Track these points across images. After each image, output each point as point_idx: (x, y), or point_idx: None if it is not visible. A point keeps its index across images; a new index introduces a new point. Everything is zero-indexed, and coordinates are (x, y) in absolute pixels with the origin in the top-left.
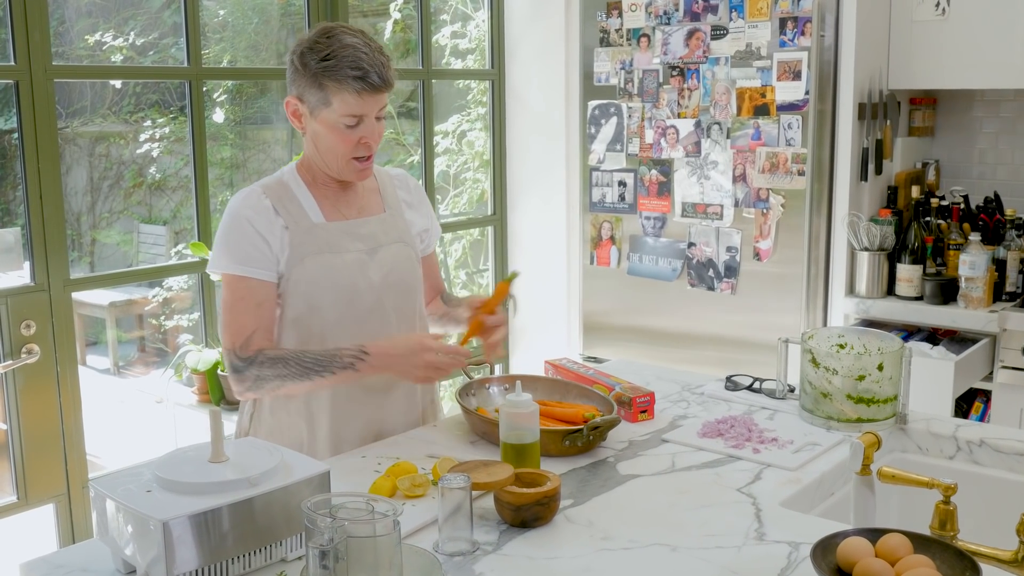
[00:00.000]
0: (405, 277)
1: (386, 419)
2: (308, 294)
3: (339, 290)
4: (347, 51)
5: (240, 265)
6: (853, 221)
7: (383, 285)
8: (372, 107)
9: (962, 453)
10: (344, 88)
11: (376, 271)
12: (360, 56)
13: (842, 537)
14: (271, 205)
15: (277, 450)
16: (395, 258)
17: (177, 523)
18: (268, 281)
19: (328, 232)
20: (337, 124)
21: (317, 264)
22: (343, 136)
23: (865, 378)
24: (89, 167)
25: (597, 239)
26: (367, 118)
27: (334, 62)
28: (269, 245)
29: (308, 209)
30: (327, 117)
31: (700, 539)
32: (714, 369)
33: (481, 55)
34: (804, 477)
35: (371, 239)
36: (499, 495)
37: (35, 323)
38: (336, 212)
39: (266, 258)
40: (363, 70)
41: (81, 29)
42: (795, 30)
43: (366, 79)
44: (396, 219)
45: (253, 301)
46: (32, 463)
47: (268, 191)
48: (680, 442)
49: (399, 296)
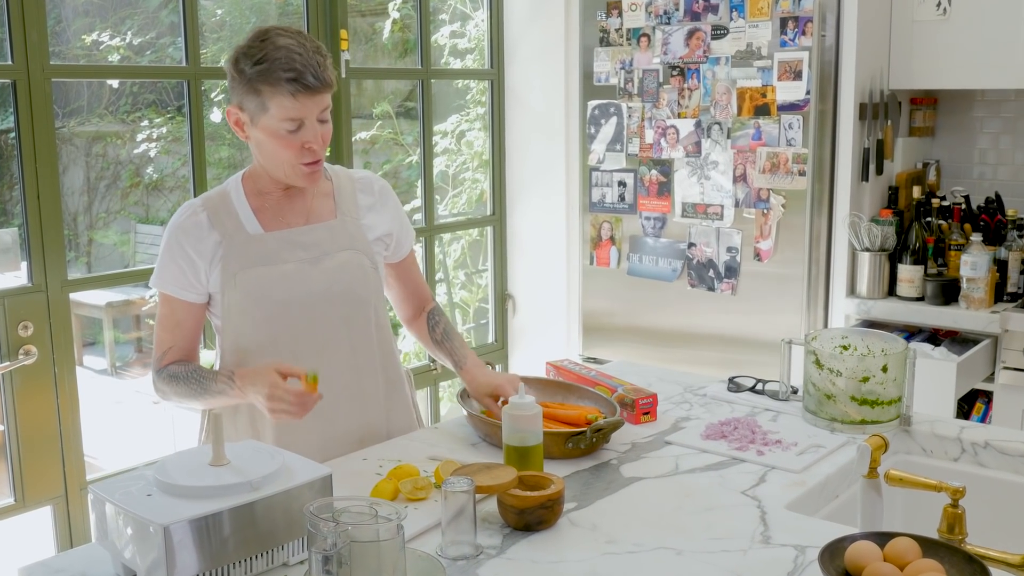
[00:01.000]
0: (354, 286)
1: (337, 434)
2: (242, 310)
3: (274, 303)
4: (280, 53)
5: (166, 284)
6: (854, 221)
7: (327, 295)
8: (311, 109)
9: (967, 455)
10: (279, 91)
11: (319, 281)
12: (293, 57)
13: (850, 541)
14: (206, 219)
15: (278, 453)
16: (342, 267)
17: (178, 527)
18: (191, 302)
19: (264, 243)
20: (277, 130)
21: (249, 278)
22: (285, 141)
23: (869, 380)
24: (86, 167)
25: (597, 239)
26: (308, 121)
27: (266, 65)
28: (195, 266)
29: (244, 220)
30: (267, 124)
31: (705, 542)
32: (714, 370)
33: (480, 55)
34: (809, 480)
35: (315, 247)
36: (503, 498)
37: (32, 324)
38: (278, 221)
39: (188, 280)
40: (296, 71)
41: (78, 28)
42: (796, 30)
43: (300, 80)
44: (348, 225)
45: (174, 319)
46: (30, 465)
47: (207, 204)
48: (684, 444)
49: (348, 307)
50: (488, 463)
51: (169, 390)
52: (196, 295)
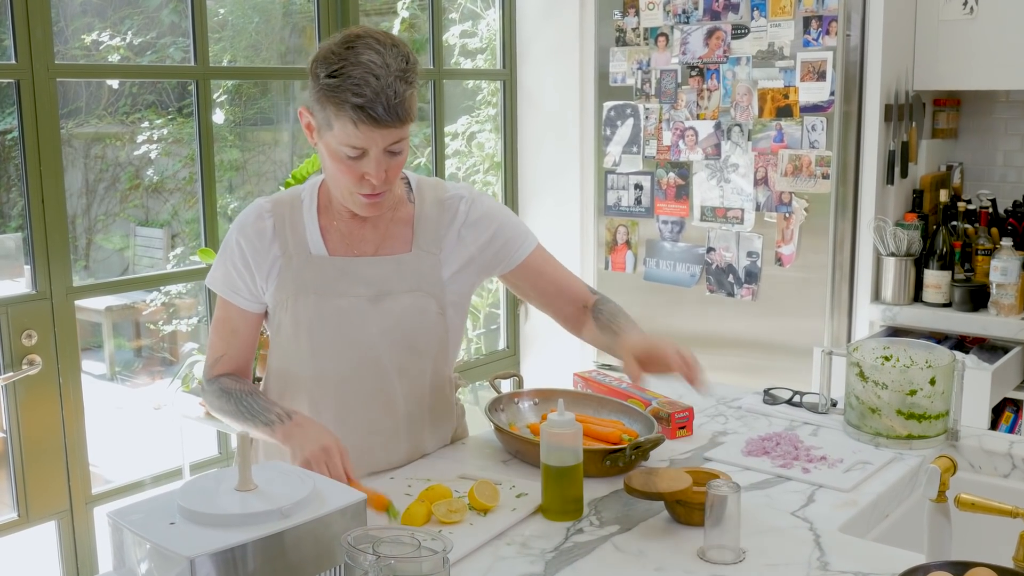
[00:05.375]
0: (414, 335)
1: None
2: (290, 337)
3: (324, 339)
4: (356, 70)
5: (224, 287)
6: (879, 225)
7: (383, 341)
8: (376, 142)
9: (1018, 471)
10: (343, 114)
11: (376, 323)
12: (368, 80)
13: (923, 572)
14: (271, 227)
15: (308, 476)
16: (404, 310)
17: (203, 560)
18: (248, 311)
19: (325, 268)
20: (338, 152)
21: (303, 305)
22: (345, 166)
23: (916, 392)
24: (85, 169)
25: (612, 244)
26: (372, 151)
27: (338, 81)
28: (254, 276)
29: (310, 238)
30: (329, 141)
31: (760, 569)
32: (735, 377)
33: (492, 55)
34: (860, 499)
35: (378, 283)
36: (688, 497)
37: (36, 333)
38: (344, 246)
39: (248, 288)
40: (366, 98)
41: (77, 28)
42: (820, 29)
43: (367, 109)
44: (422, 261)
45: (229, 326)
46: (33, 479)
47: (276, 209)
48: (725, 461)
49: (403, 355)
50: (649, 469)
51: (216, 402)
52: (253, 303)
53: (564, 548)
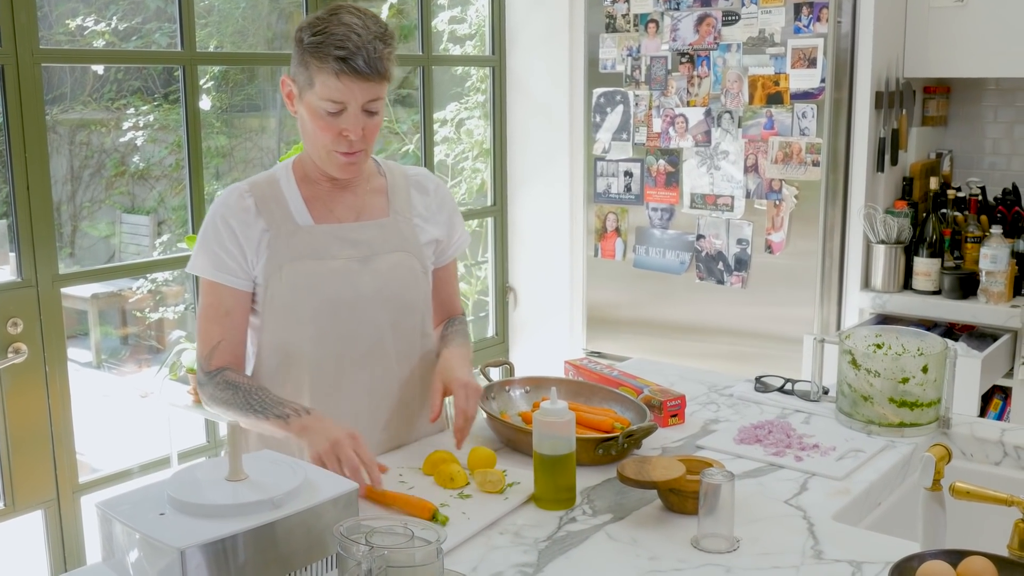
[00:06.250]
0: (404, 291)
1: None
2: (287, 304)
3: (321, 300)
4: (339, 29)
5: (212, 270)
6: (870, 213)
7: (376, 298)
8: (356, 95)
9: (1009, 459)
10: (326, 68)
11: (368, 282)
12: (350, 36)
13: (918, 560)
14: (253, 205)
15: (299, 465)
16: (393, 269)
17: (194, 551)
18: (239, 289)
19: (313, 236)
20: (318, 109)
21: (297, 271)
22: (324, 123)
23: (909, 380)
24: (70, 156)
25: (602, 231)
26: (351, 107)
27: (321, 38)
28: (243, 251)
29: (294, 210)
30: (310, 100)
31: (754, 558)
32: (724, 364)
33: (481, 41)
34: (853, 487)
35: (366, 246)
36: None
37: (22, 321)
38: (327, 214)
39: (239, 265)
40: (348, 50)
41: (61, 14)
42: (811, 16)
43: (349, 60)
44: (401, 225)
45: (222, 309)
46: (19, 468)
47: (254, 189)
48: (717, 449)
49: (396, 312)
50: (642, 457)
51: (221, 396)
52: (243, 281)
53: (557, 537)
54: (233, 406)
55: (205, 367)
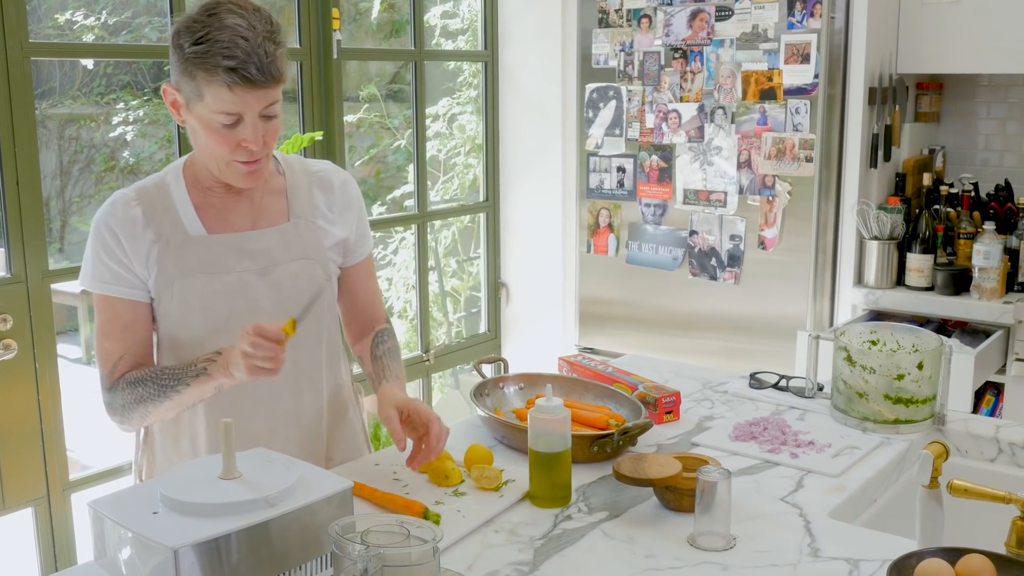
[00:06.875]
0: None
1: (289, 454)
2: (179, 322)
3: (213, 318)
4: (223, 35)
5: (103, 283)
6: (863, 209)
7: (275, 312)
8: (251, 105)
9: (1004, 455)
10: (215, 80)
11: (266, 295)
12: (237, 42)
13: (917, 559)
14: (141, 214)
15: (293, 463)
16: (293, 279)
17: (187, 551)
18: (135, 300)
19: (207, 247)
20: (211, 122)
21: (188, 287)
22: (219, 136)
23: (904, 377)
24: (59, 150)
25: (595, 226)
26: (247, 116)
27: (205, 47)
28: (131, 265)
29: (185, 219)
30: (201, 112)
31: (751, 556)
32: (718, 360)
33: (473, 35)
34: (849, 485)
35: (264, 256)
36: (678, 483)
37: (12, 317)
38: (221, 223)
39: (128, 277)
40: (238, 59)
41: (50, 7)
42: (804, 11)
43: (241, 70)
44: (302, 230)
45: (119, 323)
46: (9, 465)
47: (142, 196)
48: (712, 446)
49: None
50: (638, 454)
51: (131, 398)
52: (139, 292)
53: (553, 535)
54: (146, 399)
55: (107, 385)
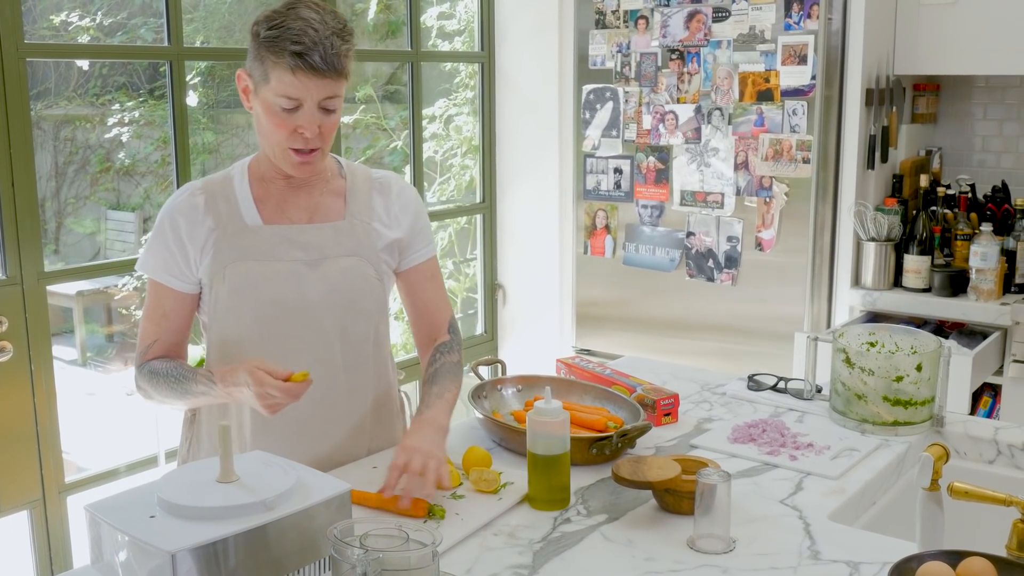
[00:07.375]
0: (354, 297)
1: (318, 456)
2: (229, 306)
3: (262, 304)
4: (296, 24)
5: (156, 269)
6: (860, 210)
7: (323, 304)
8: (312, 91)
9: (1003, 457)
10: (281, 63)
11: (316, 286)
12: (307, 31)
13: (917, 561)
14: (203, 203)
15: (291, 467)
16: (344, 273)
17: (184, 555)
18: (179, 291)
19: (261, 236)
20: (273, 105)
21: (240, 272)
22: (278, 120)
23: (903, 379)
24: (54, 151)
25: (591, 228)
26: (307, 104)
27: (278, 32)
28: (187, 252)
29: (244, 209)
30: (265, 96)
31: (751, 559)
32: (715, 362)
33: (470, 37)
34: (848, 487)
35: (316, 249)
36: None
37: (7, 320)
38: (279, 214)
39: (179, 267)
40: (304, 45)
41: (45, 8)
42: (801, 13)
43: (305, 56)
44: (356, 229)
45: (160, 309)
46: (4, 467)
47: (207, 187)
48: (711, 448)
49: (345, 318)
50: (637, 457)
51: (150, 388)
52: (186, 284)
53: (552, 538)
54: (165, 395)
55: (137, 363)
